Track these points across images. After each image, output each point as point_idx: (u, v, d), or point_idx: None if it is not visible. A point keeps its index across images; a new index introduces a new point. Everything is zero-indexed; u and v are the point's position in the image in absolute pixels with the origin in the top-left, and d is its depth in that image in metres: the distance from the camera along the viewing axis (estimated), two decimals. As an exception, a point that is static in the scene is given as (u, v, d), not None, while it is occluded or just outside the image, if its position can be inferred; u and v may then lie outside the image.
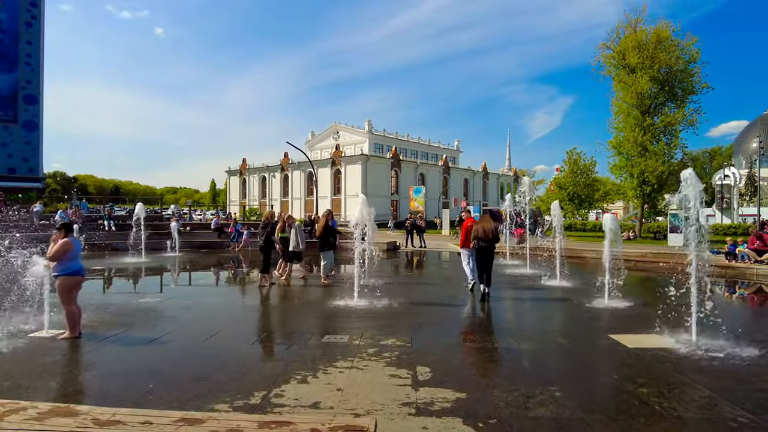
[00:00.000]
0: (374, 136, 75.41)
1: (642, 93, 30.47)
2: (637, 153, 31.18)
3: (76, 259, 6.44)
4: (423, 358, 5.46)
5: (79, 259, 6.50)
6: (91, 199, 56.63)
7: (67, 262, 6.30)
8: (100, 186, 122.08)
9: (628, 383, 4.71)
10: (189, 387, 4.50)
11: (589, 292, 9.78)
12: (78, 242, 6.66)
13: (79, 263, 6.47)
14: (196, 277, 14.42)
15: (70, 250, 6.32)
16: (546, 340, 6.48)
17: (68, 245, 6.29)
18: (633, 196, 34.13)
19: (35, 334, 6.44)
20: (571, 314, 8.47)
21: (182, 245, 20.39)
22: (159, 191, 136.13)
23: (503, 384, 4.68)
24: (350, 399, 4.23)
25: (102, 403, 4.05)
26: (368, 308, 8.44)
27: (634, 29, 31.23)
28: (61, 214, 21.87)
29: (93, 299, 9.47)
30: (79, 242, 6.72)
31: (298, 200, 70.81)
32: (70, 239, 6.42)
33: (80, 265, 6.48)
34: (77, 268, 6.40)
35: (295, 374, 4.88)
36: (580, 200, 43.29)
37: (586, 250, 20.16)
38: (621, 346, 6.08)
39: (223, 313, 8.53)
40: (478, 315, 8.44)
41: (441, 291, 11.28)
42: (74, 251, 6.41)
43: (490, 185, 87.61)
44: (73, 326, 6.29)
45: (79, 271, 6.42)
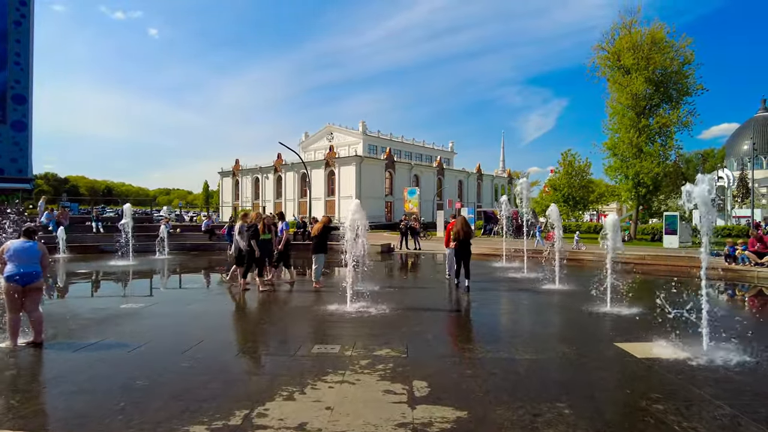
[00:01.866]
0: (368, 137, 75.04)
1: (637, 94, 30.34)
2: (632, 154, 31.05)
3: (14, 263, 5.95)
4: (419, 371, 5.09)
5: (19, 265, 5.96)
6: (83, 201, 55.84)
7: (6, 266, 5.96)
8: (92, 187, 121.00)
9: (641, 399, 4.36)
10: (164, 406, 4.10)
11: (589, 296, 9.45)
12: (22, 246, 6.10)
13: (17, 269, 5.93)
14: (183, 280, 13.97)
15: (3, 252, 6.01)
16: (549, 350, 6.13)
17: (2, 249, 6.04)
18: (628, 197, 33.99)
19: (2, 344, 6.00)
20: (573, 321, 8.14)
21: (172, 247, 19.90)
22: (152, 193, 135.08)
23: (507, 400, 4.32)
24: (340, 419, 3.85)
25: (63, 426, 3.66)
26: (361, 315, 8.06)
27: (629, 30, 31.11)
28: (48, 215, 21.33)
29: (72, 304, 9.06)
30: (25, 246, 6.11)
31: (291, 202, 70.28)
32: (12, 242, 6.14)
33: (14, 271, 5.91)
34: (7, 274, 5.92)
35: (281, 390, 4.49)
36: (575, 202, 43.11)
37: (583, 252, 19.92)
38: (629, 356, 5.74)
39: (208, 319, 8.12)
40: (477, 322, 8.09)
41: (437, 296, 10.92)
42: (8, 253, 6.00)
43: (485, 187, 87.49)
44: (12, 335, 5.95)
45: (11, 276, 5.90)
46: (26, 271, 6.01)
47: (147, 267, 15.67)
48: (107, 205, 61.98)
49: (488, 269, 15.77)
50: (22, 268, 5.99)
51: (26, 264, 6.04)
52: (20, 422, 3.76)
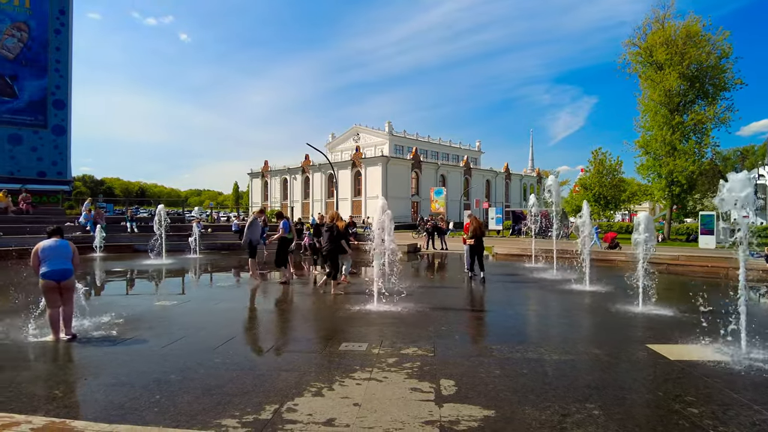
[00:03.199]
0: (395, 137, 75.13)
1: (671, 90, 29.51)
2: (666, 152, 30.22)
3: (50, 261, 6.27)
4: (447, 370, 5.09)
5: (55, 262, 6.28)
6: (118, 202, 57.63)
7: (43, 264, 6.26)
8: (126, 188, 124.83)
9: (675, 402, 4.25)
10: (196, 399, 4.22)
11: (621, 297, 9.26)
12: (55, 244, 6.43)
13: (53, 266, 6.25)
14: (215, 279, 14.28)
15: (38, 251, 6.31)
16: (578, 350, 6.04)
17: (35, 249, 6.34)
18: (661, 196, 33.11)
19: (46, 338, 6.28)
20: (603, 321, 7.98)
21: (203, 247, 20.38)
22: (183, 194, 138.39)
23: (535, 400, 4.28)
24: (368, 416, 3.90)
25: (105, 415, 3.82)
26: (388, 314, 8.10)
27: (662, 25, 30.29)
28: (86, 215, 22.12)
29: (110, 301, 9.38)
30: (57, 245, 6.45)
31: (318, 202, 70.98)
32: (45, 242, 6.42)
33: (50, 269, 6.23)
34: (44, 271, 6.22)
35: (309, 386, 4.57)
36: (606, 201, 42.16)
37: (614, 252, 19.47)
38: (662, 358, 5.60)
39: (238, 317, 8.30)
40: (505, 322, 8.02)
41: (464, 295, 10.87)
42: (43, 252, 6.30)
43: (513, 186, 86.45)
44: (54, 330, 6.23)
45: (48, 274, 6.21)
46: (61, 268, 6.33)
47: (179, 266, 16.09)
48: (141, 205, 63.79)
49: (517, 269, 15.61)
50: (57, 265, 6.30)
51: (61, 261, 6.36)
52: (64, 411, 3.95)
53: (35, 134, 34.68)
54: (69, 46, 37.02)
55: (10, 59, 34.72)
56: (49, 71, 35.95)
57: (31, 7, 35.57)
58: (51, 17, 35.93)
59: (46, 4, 35.79)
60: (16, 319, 7.12)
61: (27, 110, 35.29)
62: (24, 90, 35.06)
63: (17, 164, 34.05)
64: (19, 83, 35.00)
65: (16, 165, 34.00)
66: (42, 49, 35.67)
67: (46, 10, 35.66)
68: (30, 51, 35.50)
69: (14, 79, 34.92)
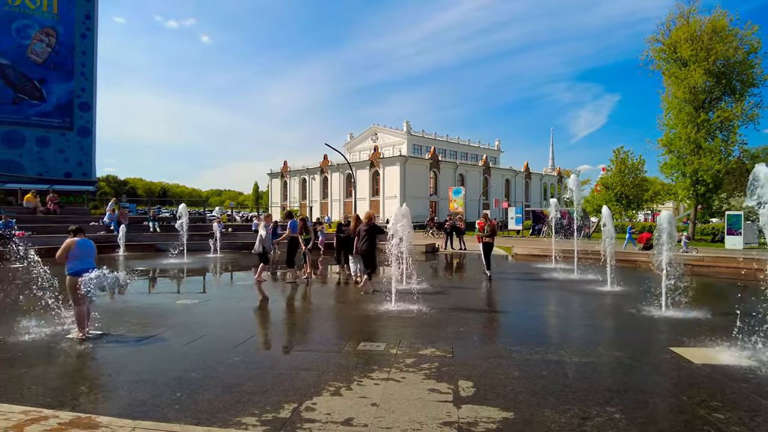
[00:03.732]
0: (413, 137, 75.00)
1: (696, 87, 28.82)
2: (690, 151, 29.53)
3: (80, 259, 6.46)
4: (465, 371, 5.06)
5: (84, 261, 6.48)
6: (140, 202, 58.83)
7: (69, 262, 6.43)
8: (149, 189, 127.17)
9: (700, 407, 4.15)
10: (217, 397, 4.28)
11: (643, 298, 9.08)
12: (84, 243, 6.63)
13: (78, 265, 6.43)
14: (234, 278, 14.46)
15: (71, 249, 6.44)
16: (599, 353, 5.95)
17: (69, 245, 6.46)
18: (685, 196, 32.35)
19: (72, 335, 6.43)
20: (625, 323, 7.83)
21: (224, 246, 20.66)
22: (204, 194, 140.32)
23: (554, 402, 4.23)
24: (386, 416, 3.90)
25: (128, 411, 3.90)
26: (406, 314, 8.09)
27: (686, 20, 29.60)
28: (110, 215, 22.60)
29: (133, 300, 9.57)
30: (86, 244, 6.66)
31: (337, 202, 71.31)
32: (76, 240, 6.56)
33: (80, 267, 6.42)
34: (75, 269, 6.40)
35: (328, 385, 4.59)
36: (628, 201, 41.40)
37: (637, 253, 19.11)
38: (686, 361, 5.48)
39: (258, 316, 8.40)
40: (525, 324, 7.94)
41: (483, 296, 10.80)
42: (76, 250, 6.46)
43: (533, 186, 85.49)
44: (80, 326, 6.38)
45: (79, 272, 6.39)
46: (90, 266, 6.54)
47: (200, 265, 16.33)
48: (163, 205, 64.92)
49: (537, 270, 15.44)
50: (87, 264, 6.52)
51: (90, 261, 6.59)
52: (90, 406, 4.05)
53: (62, 136, 35.61)
54: (94, 50, 37.94)
55: (38, 64, 35.68)
56: (75, 75, 36.88)
57: (59, 12, 36.49)
58: (77, 22, 36.85)
59: (72, 10, 36.70)
60: (44, 317, 7.32)
61: (54, 113, 36.24)
62: (52, 93, 36.01)
63: (45, 165, 34.97)
64: (47, 87, 35.96)
65: (44, 166, 34.93)
66: (69, 53, 36.61)
67: (73, 16, 36.58)
68: (57, 55, 36.46)
69: (42, 82, 35.89)
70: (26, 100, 35.19)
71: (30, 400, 4.08)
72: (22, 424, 3.18)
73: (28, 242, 17.93)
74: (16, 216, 20.55)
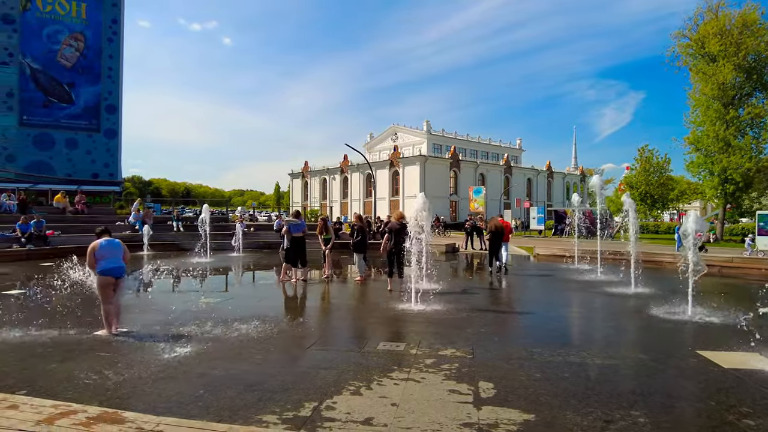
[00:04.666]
0: (433, 136, 74.75)
1: (725, 83, 28.05)
2: (719, 149, 28.76)
3: (106, 259, 6.62)
4: (485, 372, 5.03)
5: (111, 260, 6.64)
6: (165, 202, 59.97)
7: (97, 262, 6.60)
8: (173, 189, 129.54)
9: (728, 413, 4.04)
10: (238, 395, 4.34)
11: (669, 300, 8.88)
12: (109, 243, 6.79)
13: (109, 264, 6.61)
14: (256, 277, 14.65)
15: (96, 251, 6.61)
16: (623, 355, 5.84)
17: (93, 248, 6.64)
18: (713, 195, 31.51)
19: (100, 332, 6.60)
20: (650, 326, 7.67)
21: (246, 245, 20.93)
22: (227, 194, 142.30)
23: (576, 405, 4.18)
24: (405, 416, 3.90)
25: (152, 407, 3.98)
26: (426, 314, 8.08)
27: (715, 14, 28.83)
28: (135, 215, 23.11)
29: (157, 298, 9.76)
30: (111, 244, 6.82)
31: (357, 202, 71.50)
32: (99, 241, 6.73)
33: (108, 266, 6.60)
34: (103, 268, 6.57)
35: (348, 385, 4.62)
36: (653, 200, 40.42)
37: (662, 253, 18.68)
38: (714, 365, 5.34)
39: (280, 315, 8.47)
40: (546, 325, 7.85)
41: (504, 296, 10.72)
42: (100, 251, 6.62)
43: (555, 185, 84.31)
44: (107, 323, 6.53)
45: (106, 271, 6.58)
46: (117, 265, 6.73)
47: (223, 264, 16.57)
48: (186, 205, 66.07)
49: (559, 270, 15.25)
50: (114, 263, 6.70)
51: (117, 259, 6.75)
52: (116, 401, 4.14)
53: (89, 138, 36.55)
54: (120, 53, 38.88)
55: (68, 68, 36.68)
56: (102, 78, 37.83)
57: (87, 17, 37.44)
58: (104, 26, 37.79)
59: (100, 14, 37.63)
60: (73, 314, 7.53)
61: (83, 115, 37.20)
62: (80, 96, 36.99)
63: (74, 167, 35.91)
64: (75, 90, 36.95)
65: (72, 167, 35.87)
66: (96, 57, 37.57)
67: (100, 20, 37.53)
68: (85, 59, 37.42)
69: (71, 86, 36.88)
70: (56, 103, 36.23)
71: (60, 395, 4.20)
72: (53, 417, 3.28)
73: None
74: (46, 216, 21.17)
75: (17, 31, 34.86)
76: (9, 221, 19.43)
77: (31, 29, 35.27)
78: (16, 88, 34.96)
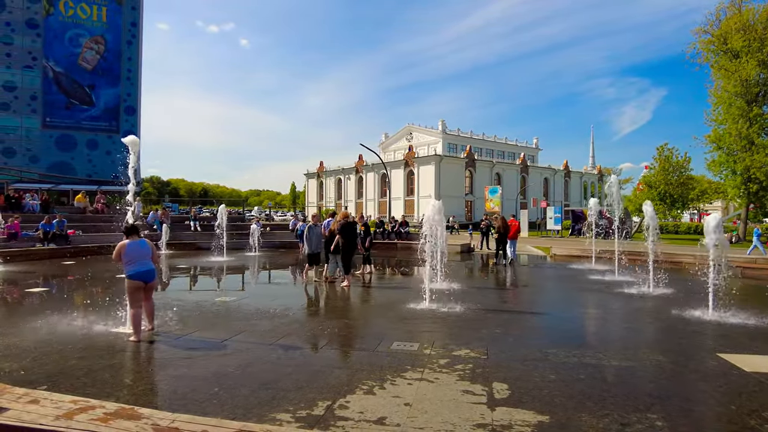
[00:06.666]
0: (448, 135, 74.48)
1: (748, 80, 27.41)
2: (741, 147, 28.11)
3: (133, 263, 6.41)
4: (500, 373, 4.99)
5: (140, 263, 6.44)
6: (182, 202, 60.81)
7: (126, 266, 6.41)
8: (190, 189, 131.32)
9: (750, 417, 3.95)
10: (253, 393, 4.38)
11: (689, 301, 8.71)
12: (138, 245, 6.56)
13: (136, 268, 6.40)
14: (272, 276, 14.76)
15: (123, 253, 6.43)
16: (640, 357, 5.74)
17: (119, 249, 6.45)
18: (735, 195, 30.81)
19: (119, 330, 6.71)
20: (669, 327, 7.53)
21: (262, 245, 21.11)
22: (244, 194, 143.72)
23: (592, 407, 4.12)
24: (419, 416, 3.89)
25: (168, 404, 4.04)
26: (440, 314, 8.05)
27: (738, 9, 28.19)
28: (153, 215, 23.47)
29: (174, 297, 9.90)
30: (140, 245, 6.58)
31: (372, 201, 71.58)
32: (128, 242, 6.53)
33: (138, 270, 6.40)
34: (133, 272, 6.38)
35: (361, 384, 4.63)
36: (673, 200, 39.64)
37: (682, 254, 18.33)
38: (735, 368, 5.22)
39: (294, 314, 8.51)
40: (561, 325, 7.76)
41: (518, 296, 10.63)
42: (128, 254, 6.43)
43: (572, 184, 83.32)
44: (135, 328, 6.27)
45: (135, 275, 6.38)
46: (148, 269, 6.53)
47: (239, 263, 16.73)
48: (204, 205, 66.87)
49: (576, 271, 15.07)
50: (144, 266, 6.49)
51: (146, 262, 6.54)
52: (133, 398, 4.22)
53: (109, 139, 37.23)
54: (139, 56, 39.56)
55: (88, 70, 37.41)
56: (122, 80, 38.54)
57: (107, 21, 38.13)
58: (124, 29, 38.49)
59: (119, 18, 38.31)
60: (94, 312, 7.68)
61: (103, 117, 37.91)
62: (100, 98, 37.70)
63: (94, 167, 36.60)
64: (95, 92, 37.66)
65: (93, 168, 36.56)
66: (116, 59, 38.28)
67: (120, 23, 38.24)
68: (106, 62, 38.13)
69: (92, 88, 37.59)
70: (77, 105, 36.97)
71: (79, 391, 4.29)
72: (72, 412, 3.35)
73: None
74: (67, 215, 21.62)
75: (41, 36, 35.67)
76: (33, 221, 19.88)
77: (53, 33, 36.06)
78: (40, 91, 35.77)
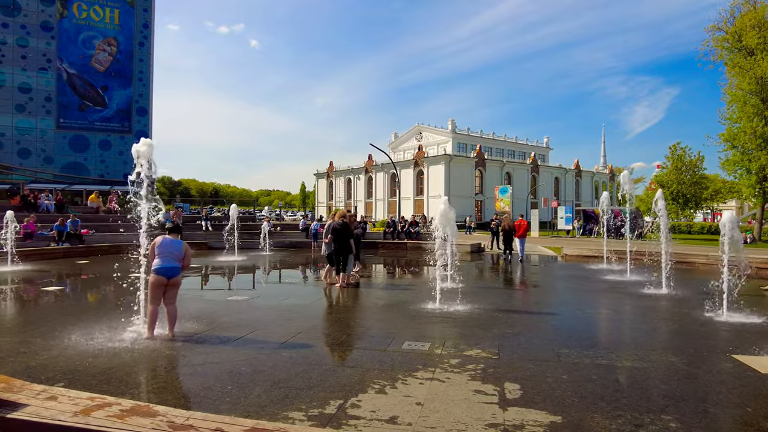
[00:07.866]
0: (458, 135, 74.28)
1: (763, 77, 26.99)
2: (756, 146, 27.71)
3: (161, 257, 6.47)
4: (511, 373, 4.98)
5: (165, 259, 6.47)
6: (193, 202, 61.31)
7: (154, 259, 6.51)
8: (201, 189, 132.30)
9: (766, 420, 3.91)
10: (265, 392, 4.42)
11: (703, 302, 8.62)
12: (171, 242, 6.64)
13: (161, 263, 6.44)
14: (282, 275, 14.84)
15: (156, 244, 6.56)
16: (654, 358, 5.70)
17: (153, 244, 6.58)
18: (750, 194, 30.39)
19: (134, 328, 6.78)
20: (682, 328, 7.46)
21: (272, 245, 21.23)
22: (254, 194, 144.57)
23: (605, 408, 4.10)
24: (430, 416, 3.90)
25: (182, 402, 4.09)
26: (451, 314, 8.05)
27: (753, 6, 27.77)
28: (165, 214, 23.67)
29: (186, 296, 9.98)
30: (172, 243, 6.65)
31: (381, 201, 71.62)
32: (159, 239, 6.63)
33: (162, 265, 6.43)
34: (156, 267, 6.43)
35: (373, 383, 4.64)
36: (686, 200, 39.18)
37: (695, 254, 18.13)
38: (750, 370, 5.16)
39: (305, 313, 8.56)
40: (573, 326, 7.72)
41: (530, 297, 10.58)
42: (159, 247, 6.53)
43: (584, 184, 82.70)
44: (150, 325, 6.34)
45: (157, 270, 6.41)
46: (171, 266, 6.52)
47: (250, 263, 16.85)
48: (215, 205, 67.34)
49: (588, 271, 14.98)
50: (168, 263, 6.50)
51: (171, 259, 6.55)
52: (148, 395, 4.28)
53: (121, 139, 37.65)
54: (150, 57, 39.96)
55: (101, 72, 37.86)
56: (134, 81, 38.95)
57: (120, 23, 38.55)
58: (136, 31, 38.90)
59: (131, 20, 38.72)
60: (109, 310, 7.77)
61: (115, 118, 38.35)
62: (112, 99, 38.14)
63: (107, 167, 37.04)
64: (108, 93, 38.10)
65: (106, 168, 36.99)
66: (128, 61, 38.70)
67: (132, 25, 38.65)
68: (118, 63, 38.56)
69: (105, 89, 38.04)
70: (90, 106, 37.43)
71: (96, 388, 4.36)
72: (89, 409, 3.41)
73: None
74: (81, 215, 21.91)
75: (55, 38, 36.16)
76: (48, 220, 20.18)
77: (67, 35, 36.53)
78: (54, 93, 36.26)
